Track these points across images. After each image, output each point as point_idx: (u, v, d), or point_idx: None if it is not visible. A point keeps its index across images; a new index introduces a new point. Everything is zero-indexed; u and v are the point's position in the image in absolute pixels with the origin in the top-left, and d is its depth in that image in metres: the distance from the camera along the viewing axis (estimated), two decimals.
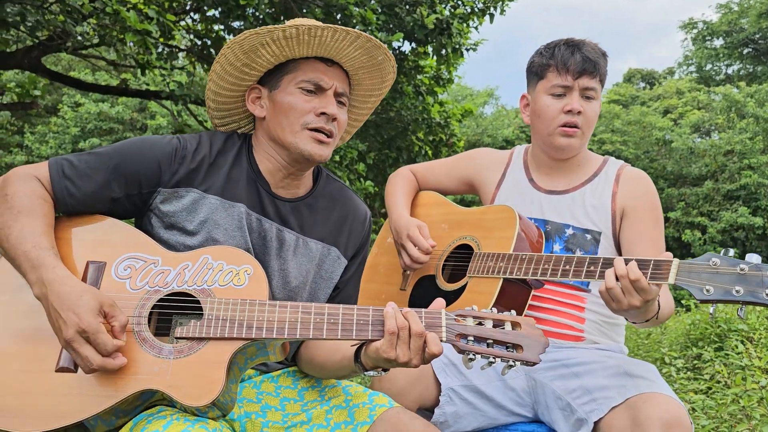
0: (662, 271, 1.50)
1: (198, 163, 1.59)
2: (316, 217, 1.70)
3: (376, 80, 1.72)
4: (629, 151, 25.02)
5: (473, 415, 1.86)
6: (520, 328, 1.39)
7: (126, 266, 1.46)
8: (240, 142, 1.68)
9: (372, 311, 1.40)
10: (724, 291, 1.41)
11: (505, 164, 2.17)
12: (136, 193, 1.55)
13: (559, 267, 1.69)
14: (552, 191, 2.04)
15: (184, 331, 1.37)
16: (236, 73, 1.64)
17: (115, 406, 1.33)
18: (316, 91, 1.61)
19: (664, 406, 1.57)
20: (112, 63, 8.48)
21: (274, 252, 1.62)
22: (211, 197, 1.57)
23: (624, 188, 1.97)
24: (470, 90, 30.51)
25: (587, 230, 1.95)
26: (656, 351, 4.88)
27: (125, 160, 1.54)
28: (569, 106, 1.92)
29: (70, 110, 19.31)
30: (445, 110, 9.36)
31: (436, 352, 1.35)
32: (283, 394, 1.62)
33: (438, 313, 1.40)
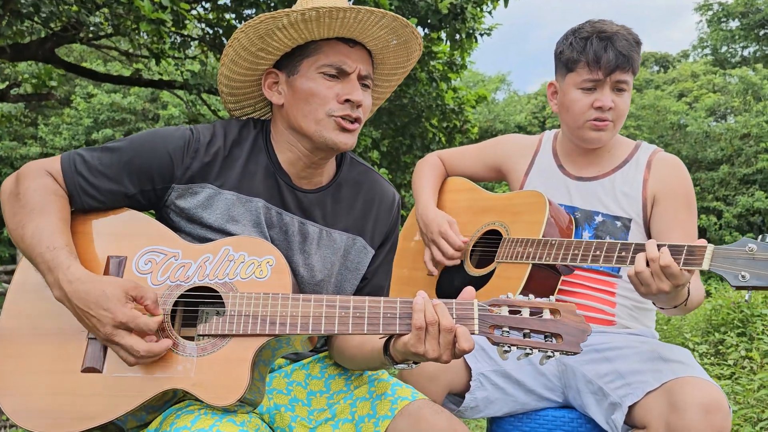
0: (696, 257, 1.46)
1: (212, 156, 1.51)
2: (340, 207, 1.62)
3: (401, 58, 1.61)
4: (643, 135, 24.78)
5: (504, 400, 1.84)
6: (559, 315, 1.32)
7: (147, 260, 1.43)
8: (256, 131, 1.59)
9: (400, 304, 1.33)
10: (760, 277, 1.38)
11: (534, 150, 2.13)
12: (150, 189, 1.50)
13: (590, 252, 1.66)
14: (581, 177, 1.99)
15: (206, 328, 1.34)
16: (250, 57, 1.54)
17: (143, 405, 1.31)
18: (339, 75, 1.50)
19: (702, 390, 1.54)
20: (125, 53, 8.49)
21: (297, 246, 1.56)
22: (226, 192, 1.51)
23: (656, 174, 1.91)
24: (482, 76, 30.31)
25: (617, 217, 1.91)
26: (678, 336, 4.84)
27: (137, 156, 1.48)
28: (599, 102, 1.85)
29: (83, 101, 19.38)
30: (459, 96, 9.30)
31: (467, 348, 1.29)
32: (311, 386, 1.59)
33: (470, 304, 1.33)
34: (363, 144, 8.40)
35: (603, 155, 1.99)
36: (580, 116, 1.89)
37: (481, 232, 2.03)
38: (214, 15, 7.50)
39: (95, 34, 7.00)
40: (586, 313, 1.89)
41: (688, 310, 1.71)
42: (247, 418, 1.37)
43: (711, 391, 1.55)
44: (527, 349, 1.30)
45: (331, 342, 1.63)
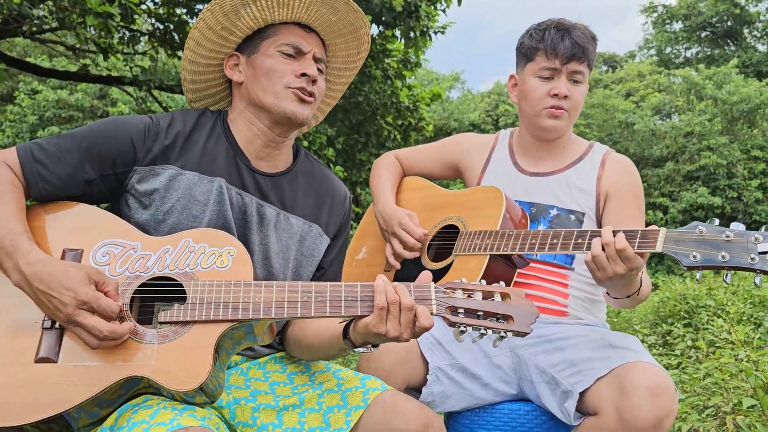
0: (649, 240, 1.52)
1: (173, 138, 1.56)
2: (297, 193, 1.67)
3: (352, 50, 1.72)
4: (593, 133, 25.38)
5: (460, 395, 1.86)
6: (509, 299, 1.38)
7: (104, 252, 1.41)
8: (215, 117, 1.66)
9: (360, 287, 1.37)
10: (710, 257, 1.44)
11: (491, 148, 2.18)
12: (111, 173, 1.51)
13: (547, 241, 1.71)
14: (537, 173, 2.05)
15: (168, 315, 1.33)
16: (215, 38, 1.62)
17: (99, 395, 1.28)
18: (296, 55, 1.61)
19: (650, 374, 1.60)
20: (71, 48, 8.23)
21: (255, 227, 1.59)
22: (188, 173, 1.54)
23: (609, 172, 1.99)
24: (436, 74, 30.51)
25: (571, 211, 1.98)
26: (628, 328, 4.98)
27: (98, 140, 1.49)
28: (556, 90, 1.94)
29: (27, 98, 18.70)
30: (414, 94, 9.34)
31: (427, 325, 1.34)
32: (272, 378, 1.59)
33: (427, 286, 1.38)
34: (318, 141, 8.34)
35: (558, 152, 2.04)
36: (538, 103, 1.96)
37: (438, 228, 2.05)
38: (164, 10, 7.32)
39: (39, 28, 6.75)
40: (540, 304, 1.95)
41: (639, 301, 1.77)
42: (208, 413, 1.35)
43: (658, 374, 1.61)
44: (482, 329, 1.35)
45: (287, 335, 1.63)
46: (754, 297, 4.51)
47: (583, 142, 2.10)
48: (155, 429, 1.20)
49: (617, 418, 1.58)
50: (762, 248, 1.40)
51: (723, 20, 30.70)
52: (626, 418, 1.56)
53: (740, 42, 30.70)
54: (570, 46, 1.91)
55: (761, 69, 28.29)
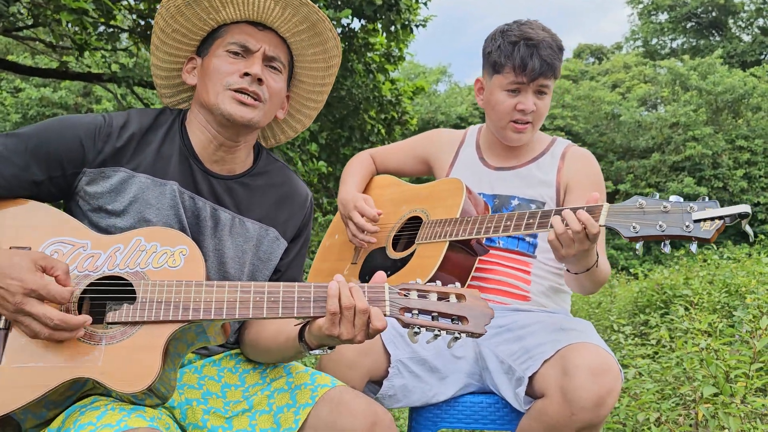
0: (594, 214, 1.56)
1: (126, 140, 1.51)
2: (254, 197, 1.63)
3: (318, 47, 1.64)
4: (579, 125, 25.49)
5: (421, 390, 1.86)
6: (464, 300, 1.37)
7: (53, 251, 1.38)
8: (173, 117, 1.61)
9: (314, 288, 1.36)
10: (649, 227, 1.48)
11: (459, 143, 2.23)
12: (59, 175, 1.46)
13: (502, 223, 1.75)
14: (501, 168, 2.10)
15: (116, 315, 1.31)
16: (170, 41, 1.60)
17: (45, 397, 1.26)
18: (244, 53, 1.55)
19: (591, 354, 1.61)
20: (50, 45, 8.14)
21: (209, 231, 1.56)
22: (140, 176, 1.50)
23: (569, 165, 2.04)
24: (423, 68, 30.49)
25: (532, 200, 2.02)
26: (606, 319, 5.01)
27: (45, 141, 1.45)
28: (522, 105, 1.96)
29: (10, 96, 18.53)
30: (397, 88, 9.33)
31: (380, 327, 1.32)
32: (225, 378, 1.57)
33: (381, 287, 1.36)
34: (301, 137, 8.28)
35: (522, 148, 2.12)
36: (504, 116, 2.00)
37: (403, 220, 2.09)
38: (145, 5, 7.26)
39: (14, 25, 6.67)
40: (502, 287, 1.97)
41: (596, 280, 1.79)
42: (158, 414, 1.33)
43: (599, 354, 1.62)
44: (436, 330, 1.35)
45: (243, 338, 1.62)
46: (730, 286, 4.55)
47: (545, 138, 2.15)
48: (102, 431, 1.18)
49: (561, 400, 1.60)
50: (696, 216, 1.44)
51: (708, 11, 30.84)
52: (569, 398, 1.58)
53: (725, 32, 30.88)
54: (539, 65, 1.92)
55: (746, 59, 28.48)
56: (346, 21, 8.05)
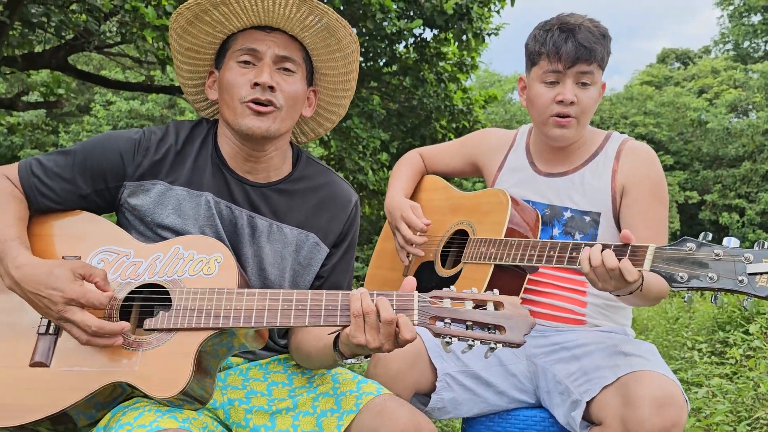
0: (638, 257, 1.44)
1: (163, 154, 1.56)
2: (292, 202, 1.64)
3: (330, 40, 1.59)
4: (663, 133, 24.49)
5: (473, 401, 1.83)
6: (502, 307, 1.32)
7: (99, 260, 1.46)
8: (207, 128, 1.65)
9: (341, 296, 1.36)
10: (697, 277, 1.35)
11: (509, 146, 2.12)
12: (104, 188, 1.54)
13: (544, 253, 1.65)
14: (552, 174, 1.97)
15: (153, 322, 1.36)
16: (187, 60, 1.63)
17: (90, 399, 1.33)
18: (253, 60, 1.54)
19: (656, 384, 1.53)
20: (137, 60, 8.60)
21: (247, 239, 1.59)
22: (177, 188, 1.55)
23: (625, 164, 1.87)
24: (498, 76, 30.16)
25: (586, 212, 1.89)
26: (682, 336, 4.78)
27: (89, 156, 1.53)
28: (561, 96, 1.82)
29: (102, 109, 19.68)
30: (469, 97, 9.26)
31: (409, 337, 1.29)
32: (271, 378, 1.60)
33: (410, 295, 1.33)
34: (372, 145, 8.37)
35: (573, 150, 1.97)
36: (544, 111, 1.87)
37: (450, 232, 2.03)
38: None
39: (103, 43, 7.10)
40: (556, 313, 1.89)
41: (648, 297, 1.67)
42: (194, 415, 1.38)
43: (665, 384, 1.54)
44: (469, 340, 1.30)
45: (290, 342, 1.64)
46: None
47: (598, 136, 1.98)
48: (137, 430, 1.24)
49: (622, 430, 1.52)
50: (752, 269, 1.29)
51: None
52: (630, 429, 1.50)
53: None
54: (573, 48, 1.79)
55: None
56: (418, 31, 8.08)
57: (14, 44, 6.53)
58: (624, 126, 24.77)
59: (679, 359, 4.08)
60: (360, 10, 7.07)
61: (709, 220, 22.15)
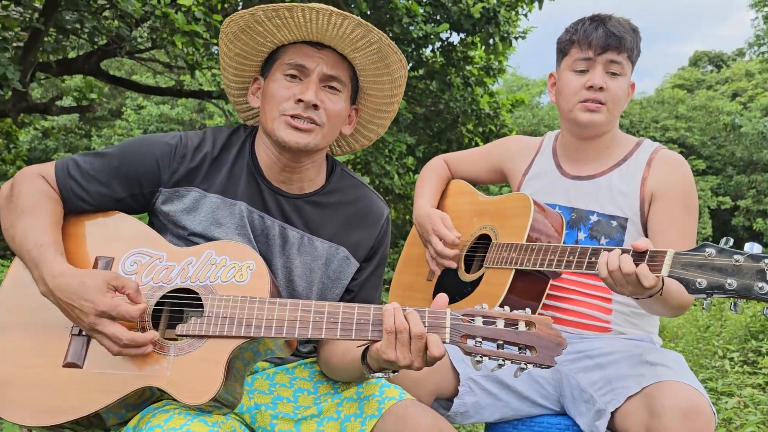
0: (656, 263, 1.42)
1: (199, 161, 1.56)
2: (324, 215, 1.63)
3: (380, 63, 1.57)
4: (694, 137, 24.07)
5: (496, 406, 1.82)
6: (534, 327, 1.31)
7: (133, 261, 1.47)
8: (245, 136, 1.64)
9: (373, 310, 1.35)
10: (716, 284, 1.31)
11: (535, 151, 2.10)
12: (138, 193, 1.54)
13: (564, 258, 1.63)
14: (578, 177, 1.94)
15: (185, 328, 1.37)
16: (234, 63, 1.63)
17: (122, 401, 1.35)
18: (300, 75, 1.54)
19: (682, 394, 1.50)
20: (167, 65, 8.74)
21: (278, 249, 1.58)
22: (212, 196, 1.55)
23: (656, 172, 1.84)
24: (526, 80, 29.96)
25: (613, 216, 1.86)
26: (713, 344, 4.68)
27: (126, 161, 1.54)
28: (590, 82, 1.82)
29: (133, 113, 20.04)
30: (496, 101, 9.21)
31: (437, 354, 1.29)
32: (297, 384, 1.61)
33: (443, 313, 1.33)
34: (398, 150, 8.37)
35: (601, 153, 1.94)
36: (572, 97, 1.87)
37: (474, 237, 2.03)
38: None
39: (134, 48, 7.23)
40: (581, 320, 1.87)
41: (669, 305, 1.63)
42: (222, 419, 1.39)
43: (691, 395, 1.50)
44: (500, 360, 1.29)
45: (319, 354, 1.64)
46: None
47: (629, 141, 1.95)
48: None
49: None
50: None
51: None
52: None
53: None
54: (603, 35, 1.80)
55: None
56: (445, 35, 8.07)
57: (49, 50, 6.68)
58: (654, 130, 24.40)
59: (709, 368, 3.99)
60: (387, 14, 7.08)
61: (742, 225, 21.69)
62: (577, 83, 1.85)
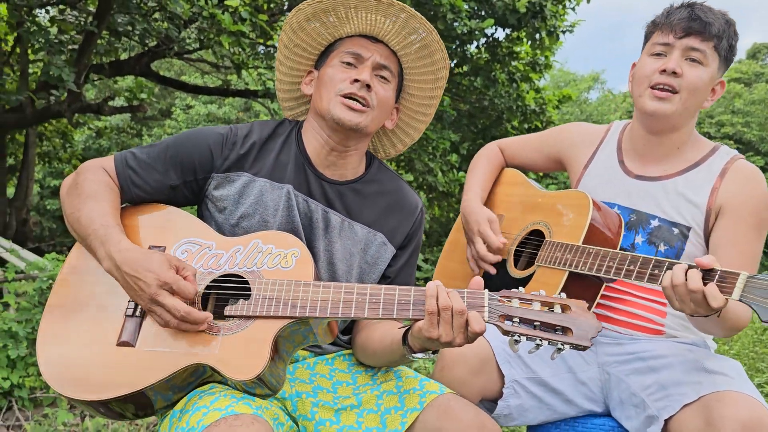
0: (727, 284, 1.33)
1: (248, 148, 1.66)
2: (364, 202, 1.71)
3: (426, 60, 1.72)
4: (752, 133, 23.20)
5: (540, 409, 1.78)
6: (570, 310, 1.33)
7: (183, 250, 1.54)
8: (290, 127, 1.74)
9: (414, 291, 1.40)
10: None
11: (599, 142, 1.99)
12: (192, 180, 1.64)
13: (624, 266, 1.55)
14: (642, 177, 1.84)
15: (233, 309, 1.43)
16: (292, 56, 1.75)
17: (169, 380, 1.39)
18: (356, 62, 1.66)
19: (742, 406, 1.43)
20: (214, 65, 8.91)
21: (321, 232, 1.65)
22: (260, 180, 1.63)
23: (729, 184, 1.72)
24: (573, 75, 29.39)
25: (675, 224, 1.76)
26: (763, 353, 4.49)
27: (181, 149, 1.63)
28: (664, 65, 1.71)
29: (182, 113, 20.48)
30: (542, 96, 9.06)
31: (479, 330, 1.32)
32: (336, 377, 1.64)
33: (480, 293, 1.37)
34: (442, 147, 8.29)
35: (671, 152, 1.82)
36: (644, 80, 1.76)
37: (526, 231, 1.96)
38: None
39: (183, 49, 7.38)
40: (634, 321, 1.81)
41: (725, 326, 1.54)
42: (266, 404, 1.43)
43: (752, 406, 1.44)
44: (537, 340, 1.31)
45: (355, 341, 1.68)
46: None
47: (705, 144, 1.83)
48: (212, 414, 1.30)
49: None
50: None
51: None
52: None
53: None
54: (687, 17, 1.69)
55: None
56: (490, 31, 7.98)
57: (102, 52, 6.89)
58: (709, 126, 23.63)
59: (766, 372, 3.83)
60: (431, 11, 7.03)
61: None
62: (652, 67, 1.74)
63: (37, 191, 14.40)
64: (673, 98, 1.71)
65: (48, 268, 4.26)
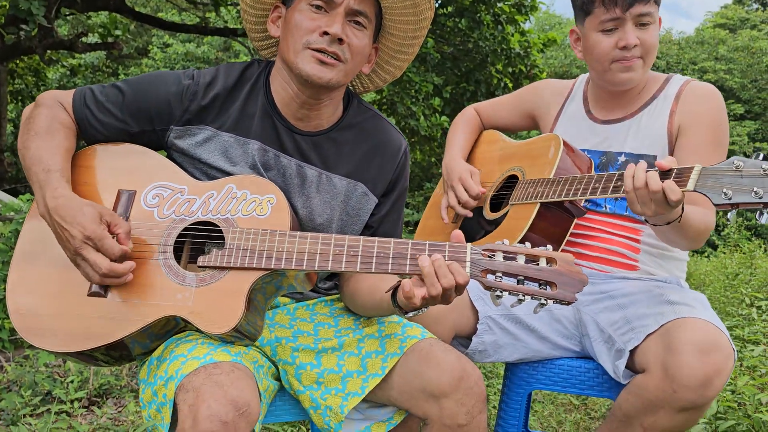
0: (683, 178, 1.38)
1: (211, 99, 1.53)
2: (341, 151, 1.61)
3: (408, 2, 1.54)
4: (734, 80, 23.25)
5: (514, 345, 1.81)
6: (555, 264, 1.29)
7: (154, 195, 1.48)
8: (258, 71, 1.59)
9: (394, 243, 1.35)
10: (742, 193, 1.29)
11: (566, 96, 2.07)
12: (150, 130, 1.54)
13: (590, 186, 1.61)
14: (608, 120, 1.92)
15: (206, 260, 1.38)
16: None
17: (145, 330, 1.38)
18: (326, 7, 1.47)
19: (699, 330, 1.48)
20: (191, 1, 8.62)
21: (296, 189, 1.57)
22: (224, 134, 1.53)
23: (684, 105, 1.79)
24: (559, 18, 28.99)
25: (641, 155, 1.83)
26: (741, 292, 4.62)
27: (138, 97, 1.53)
28: (623, 41, 1.74)
29: (160, 51, 19.95)
30: (527, 40, 8.93)
31: (462, 282, 1.29)
32: (318, 319, 1.62)
33: (463, 248, 1.31)
34: (425, 90, 8.20)
35: (631, 95, 1.89)
36: (605, 58, 1.79)
37: (502, 179, 2.01)
38: None
39: None
40: (608, 256, 1.86)
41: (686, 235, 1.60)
42: (245, 350, 1.41)
43: (708, 330, 1.49)
44: (520, 295, 1.28)
45: (343, 290, 1.64)
46: None
47: (658, 78, 1.90)
48: (191, 362, 1.28)
49: (663, 376, 1.49)
50: None
51: None
52: (672, 375, 1.47)
53: None
54: None
55: None
56: None
57: None
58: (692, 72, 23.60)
59: (736, 316, 3.95)
60: None
61: None
62: (608, 43, 1.76)
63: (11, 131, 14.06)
64: (638, 63, 1.78)
65: (24, 210, 4.20)
